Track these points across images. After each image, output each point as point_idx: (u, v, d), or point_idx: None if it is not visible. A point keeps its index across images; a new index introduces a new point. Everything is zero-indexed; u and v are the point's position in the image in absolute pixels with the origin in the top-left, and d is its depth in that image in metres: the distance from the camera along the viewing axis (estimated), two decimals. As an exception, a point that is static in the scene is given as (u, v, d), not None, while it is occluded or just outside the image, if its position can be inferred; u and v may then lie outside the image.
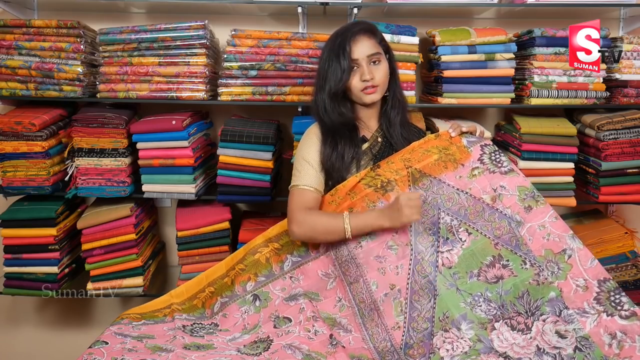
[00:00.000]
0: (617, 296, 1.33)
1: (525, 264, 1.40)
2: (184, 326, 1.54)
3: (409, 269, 1.45)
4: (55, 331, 2.49)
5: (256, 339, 1.47)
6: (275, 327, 1.51)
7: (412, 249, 1.46)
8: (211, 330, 1.53)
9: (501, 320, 1.38)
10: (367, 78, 1.53)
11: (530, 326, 1.35)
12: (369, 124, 1.66)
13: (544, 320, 1.35)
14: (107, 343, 1.42)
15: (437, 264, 1.44)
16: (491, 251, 1.43)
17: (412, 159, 1.53)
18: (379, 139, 1.64)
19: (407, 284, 1.44)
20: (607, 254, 2.10)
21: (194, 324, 1.56)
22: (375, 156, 1.61)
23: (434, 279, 1.43)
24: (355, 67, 1.54)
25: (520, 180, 1.48)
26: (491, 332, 1.37)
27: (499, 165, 1.50)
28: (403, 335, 1.40)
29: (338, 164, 1.55)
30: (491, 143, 1.56)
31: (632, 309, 1.31)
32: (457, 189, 1.49)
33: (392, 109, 1.63)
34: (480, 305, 1.40)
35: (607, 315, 1.31)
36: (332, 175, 1.57)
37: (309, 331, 1.47)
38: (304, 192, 1.54)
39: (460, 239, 1.45)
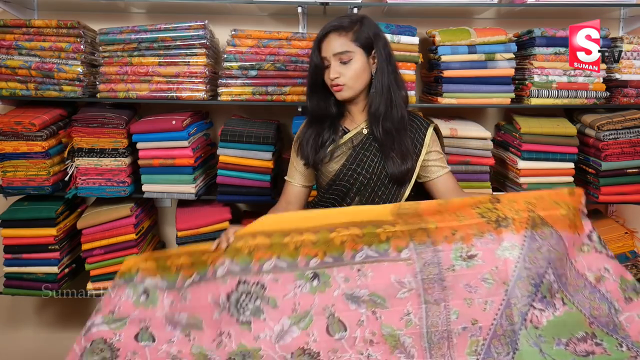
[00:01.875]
0: None
1: (622, 346, 1.34)
2: (228, 296, 1.35)
3: (499, 309, 1.35)
4: (55, 331, 2.49)
5: (305, 347, 1.32)
6: (328, 331, 1.34)
7: (507, 290, 1.36)
8: (258, 303, 1.35)
9: None
10: (331, 77, 1.53)
11: None
12: (357, 116, 1.64)
13: None
14: (153, 339, 1.37)
15: (526, 317, 1.35)
16: (584, 328, 1.36)
17: (538, 205, 1.44)
18: (364, 131, 1.62)
19: (492, 324, 1.34)
20: (607, 254, 2.10)
21: (239, 283, 1.36)
22: (355, 148, 1.60)
23: (519, 330, 1.35)
24: (327, 65, 1.55)
25: (622, 270, 1.44)
26: None
27: (605, 247, 1.46)
28: None
29: (312, 142, 1.61)
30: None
31: None
32: (567, 254, 1.42)
33: (375, 105, 1.57)
34: None
35: None
36: (304, 155, 1.63)
37: (362, 354, 1.33)
38: (288, 186, 1.70)
39: (554, 304, 1.37)
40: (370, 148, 1.60)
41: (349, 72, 1.53)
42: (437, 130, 1.70)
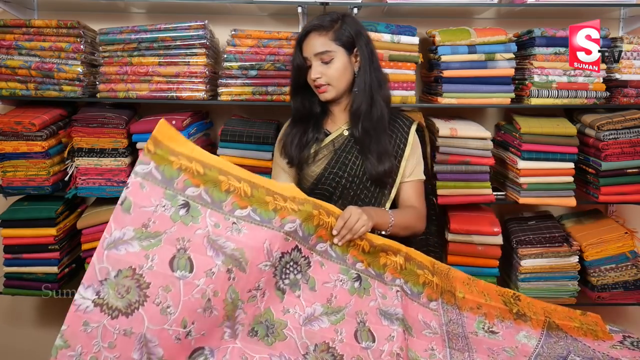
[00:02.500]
0: None
1: None
2: (282, 255, 1.28)
3: None
4: (55, 331, 2.47)
5: (330, 344, 1.28)
6: (355, 336, 1.32)
7: None
8: (299, 276, 1.31)
9: None
10: (312, 78, 1.52)
11: None
12: (338, 117, 1.62)
13: None
14: (191, 268, 1.17)
15: None
16: None
17: (553, 314, 1.50)
18: (345, 133, 1.60)
19: None
20: (607, 254, 2.09)
21: (294, 249, 1.30)
22: (337, 151, 1.58)
23: None
24: (310, 65, 1.53)
25: None
26: None
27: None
28: None
29: (297, 141, 1.59)
30: (635, 336, 1.53)
31: None
32: (594, 349, 1.44)
33: (357, 104, 1.54)
34: None
35: None
36: (288, 154, 1.60)
37: None
38: None
39: None
40: (351, 150, 1.58)
41: (330, 71, 1.51)
42: (421, 128, 1.67)
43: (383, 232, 1.49)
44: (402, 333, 1.35)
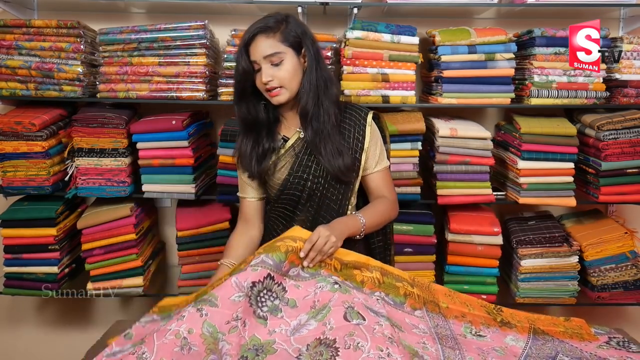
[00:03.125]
0: None
1: None
2: (253, 284, 1.32)
3: None
4: (55, 331, 2.49)
5: (321, 337, 1.28)
6: (345, 317, 1.30)
7: None
8: (277, 302, 1.35)
9: None
10: (264, 81, 1.47)
11: None
12: (291, 120, 1.59)
13: None
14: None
15: None
16: None
17: (537, 321, 1.52)
18: (302, 135, 1.56)
19: None
20: (607, 254, 2.10)
21: (267, 277, 1.34)
22: (298, 155, 1.56)
23: None
24: (258, 69, 1.49)
25: None
26: None
27: (628, 349, 1.47)
28: None
29: (251, 152, 1.55)
30: (621, 336, 1.53)
31: None
32: (581, 350, 1.45)
33: (303, 104, 1.51)
34: None
35: None
36: (247, 167, 1.57)
37: (382, 350, 1.25)
38: (243, 203, 1.65)
39: None
40: (312, 152, 1.55)
41: (281, 73, 1.47)
42: (377, 116, 1.65)
43: (357, 237, 1.52)
44: (390, 326, 1.35)
